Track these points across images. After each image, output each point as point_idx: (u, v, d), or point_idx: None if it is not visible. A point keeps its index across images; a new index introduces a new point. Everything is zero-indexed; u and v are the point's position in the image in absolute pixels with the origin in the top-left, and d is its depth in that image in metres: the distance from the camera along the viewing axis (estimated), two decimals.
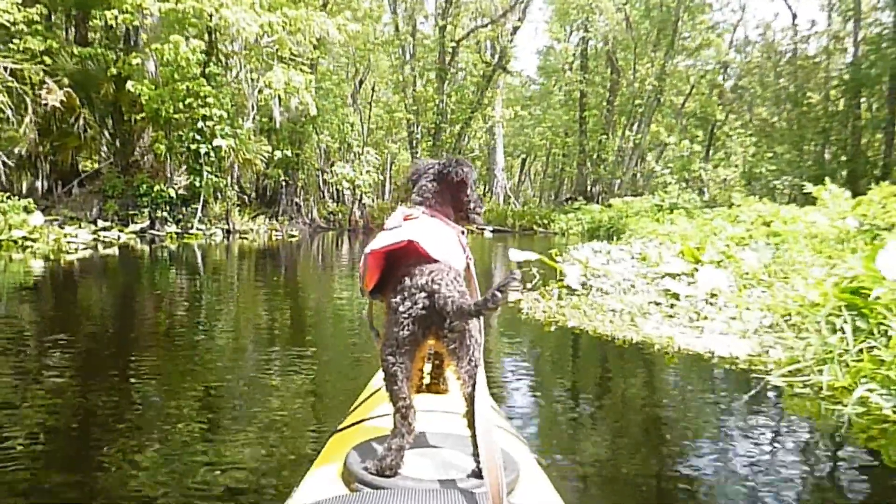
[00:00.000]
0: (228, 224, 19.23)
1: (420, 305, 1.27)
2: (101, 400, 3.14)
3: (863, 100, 30.74)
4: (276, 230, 21.32)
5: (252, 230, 20.32)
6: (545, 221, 27.29)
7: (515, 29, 26.30)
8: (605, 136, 30.66)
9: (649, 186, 30.97)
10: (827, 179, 10.52)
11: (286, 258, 14.23)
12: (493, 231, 26.66)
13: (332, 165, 27.10)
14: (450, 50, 25.95)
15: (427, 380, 1.70)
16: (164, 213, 18.01)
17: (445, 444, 1.37)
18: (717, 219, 12.75)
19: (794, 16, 36.58)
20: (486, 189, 35.46)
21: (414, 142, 29.10)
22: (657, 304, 5.86)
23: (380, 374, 1.40)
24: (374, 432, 1.43)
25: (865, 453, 2.72)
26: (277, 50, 18.96)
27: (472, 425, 1.26)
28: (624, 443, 2.84)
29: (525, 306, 6.19)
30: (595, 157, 30.89)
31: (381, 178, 35.02)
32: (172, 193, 18.09)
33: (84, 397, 3.19)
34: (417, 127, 28.40)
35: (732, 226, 11.64)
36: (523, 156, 44.70)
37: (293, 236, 20.00)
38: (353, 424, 1.59)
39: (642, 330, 4.96)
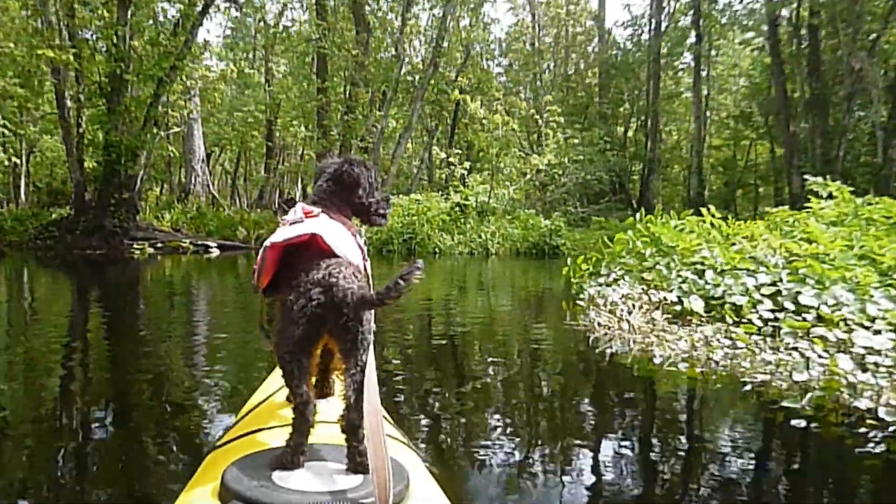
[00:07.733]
0: None
1: (315, 302, 1.22)
2: None
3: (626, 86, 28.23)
4: None
5: None
6: None
7: None
8: (352, 116, 22.86)
9: (431, 181, 24.31)
10: None
11: None
12: (219, 248, 17.36)
13: None
14: None
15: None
16: None
17: (333, 455, 1.29)
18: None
19: None
20: (181, 190, 25.52)
21: (71, 108, 17.82)
22: None
23: (259, 391, 1.55)
24: (254, 446, 1.34)
25: None
26: None
27: (349, 431, 1.22)
28: None
29: None
30: (341, 141, 23.03)
31: (16, 167, 23.14)
32: None
33: None
34: (80, 83, 17.38)
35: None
36: (211, 149, 35.12)
37: None
38: (232, 440, 1.46)
39: None
